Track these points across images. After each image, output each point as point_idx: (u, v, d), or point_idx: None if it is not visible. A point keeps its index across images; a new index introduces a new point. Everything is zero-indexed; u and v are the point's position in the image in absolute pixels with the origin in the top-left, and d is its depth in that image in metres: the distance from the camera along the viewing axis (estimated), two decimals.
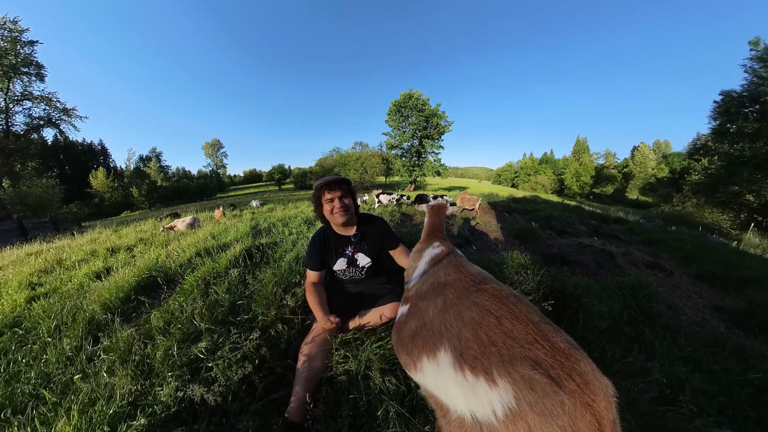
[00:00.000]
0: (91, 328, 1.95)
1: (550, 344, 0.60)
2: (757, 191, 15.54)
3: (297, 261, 2.53)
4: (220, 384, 1.26)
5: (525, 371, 0.56)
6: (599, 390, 0.54)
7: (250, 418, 1.20)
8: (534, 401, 0.53)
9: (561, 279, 2.29)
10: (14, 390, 1.44)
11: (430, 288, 1.00)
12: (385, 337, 1.50)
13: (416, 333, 0.88)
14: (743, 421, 1.31)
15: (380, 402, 1.21)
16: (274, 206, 10.65)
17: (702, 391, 1.41)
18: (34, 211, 16.67)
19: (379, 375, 1.29)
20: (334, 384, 1.33)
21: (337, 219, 1.63)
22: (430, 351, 0.77)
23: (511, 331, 0.64)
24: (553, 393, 0.53)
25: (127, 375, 1.39)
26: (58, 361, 1.66)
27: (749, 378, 1.52)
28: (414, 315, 0.96)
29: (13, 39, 19.49)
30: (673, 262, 4.81)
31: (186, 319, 1.80)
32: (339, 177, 1.66)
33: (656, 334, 1.92)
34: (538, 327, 0.65)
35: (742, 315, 2.75)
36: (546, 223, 7.23)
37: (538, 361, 0.57)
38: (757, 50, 16.20)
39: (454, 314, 0.78)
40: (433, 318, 0.85)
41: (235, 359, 1.39)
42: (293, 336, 1.68)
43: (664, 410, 1.26)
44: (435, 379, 0.74)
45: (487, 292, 0.80)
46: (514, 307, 0.71)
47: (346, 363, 1.37)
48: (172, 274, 2.82)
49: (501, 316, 0.69)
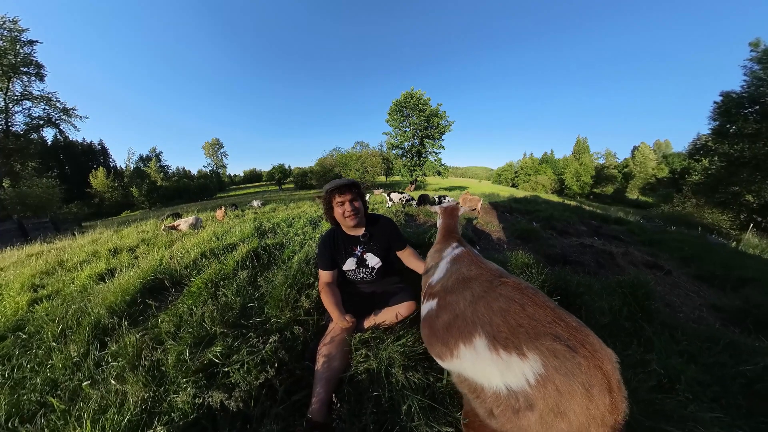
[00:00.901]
0: (98, 332, 1.92)
1: (565, 323, 0.72)
2: (756, 192, 15.56)
3: (307, 262, 2.50)
4: (241, 389, 1.23)
5: (548, 343, 0.69)
6: (605, 356, 0.66)
7: (273, 421, 1.19)
8: (558, 366, 0.65)
9: (564, 278, 2.37)
10: (20, 397, 1.40)
11: (456, 283, 1.08)
12: (406, 335, 1.51)
13: (450, 324, 0.96)
14: (735, 409, 1.40)
15: (403, 397, 1.24)
16: (276, 206, 10.65)
17: (697, 381, 1.50)
18: (34, 212, 16.63)
19: (401, 372, 1.31)
20: (355, 383, 1.34)
21: (348, 222, 1.65)
22: (467, 338, 0.86)
23: (533, 315, 0.76)
24: (571, 357, 0.65)
25: (138, 381, 1.35)
26: (65, 366, 1.62)
27: (742, 370, 1.61)
28: (444, 308, 1.04)
29: (13, 39, 19.45)
30: (673, 263, 4.85)
31: (196, 322, 1.77)
32: (349, 180, 1.67)
33: (654, 330, 2.01)
34: (555, 311, 0.77)
35: (738, 313, 2.83)
36: (547, 223, 7.25)
37: (557, 335, 0.70)
38: (757, 51, 16.22)
39: (484, 305, 0.87)
40: (464, 309, 0.93)
41: (254, 363, 1.37)
42: (309, 338, 1.67)
43: (662, 398, 1.34)
44: (473, 362, 0.83)
45: (510, 285, 0.90)
46: (534, 296, 0.83)
47: (367, 362, 1.37)
48: (178, 276, 2.80)
49: (524, 303, 0.80)
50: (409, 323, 1.60)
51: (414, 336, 1.48)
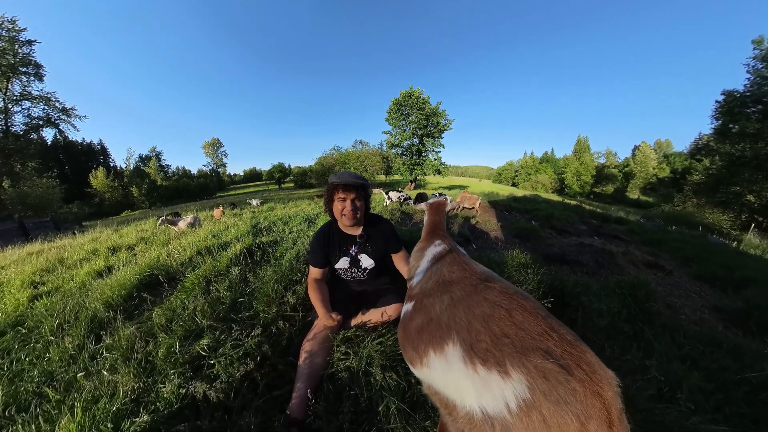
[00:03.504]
0: (94, 326, 1.95)
1: (558, 336, 0.61)
2: (758, 192, 15.48)
3: (298, 259, 2.53)
4: (222, 381, 1.26)
5: (538, 361, 0.57)
6: (605, 380, 0.55)
7: (253, 414, 1.21)
8: (548, 390, 0.53)
9: (560, 278, 2.31)
10: (18, 388, 1.45)
11: (435, 285, 0.99)
12: (386, 334, 1.50)
13: (423, 328, 0.86)
14: (739, 418, 1.32)
15: (381, 398, 1.23)
16: (275, 205, 10.65)
17: (699, 388, 1.43)
18: (34, 211, 16.68)
19: (380, 371, 1.30)
20: (336, 380, 1.34)
21: (345, 221, 1.62)
22: (437, 344, 0.75)
23: (522, 323, 0.65)
24: (565, 381, 0.53)
25: (129, 373, 1.39)
26: (61, 359, 1.66)
27: (745, 376, 1.54)
28: (419, 311, 0.94)
29: (11, 38, 19.42)
30: (674, 263, 4.81)
31: (188, 316, 1.81)
32: (357, 181, 1.56)
33: (655, 333, 1.93)
34: (547, 320, 0.65)
35: (740, 315, 2.77)
36: (546, 222, 7.22)
37: (549, 352, 0.58)
38: (760, 49, 16.09)
39: (463, 309, 0.77)
40: (440, 313, 0.83)
41: (237, 356, 1.39)
42: (294, 333, 1.69)
43: (662, 407, 1.27)
44: (443, 374, 0.72)
45: (496, 289, 0.79)
46: (524, 301, 0.71)
47: (347, 359, 1.38)
48: (173, 272, 2.83)
49: (511, 309, 0.69)
50: (393, 323, 1.59)
51: (395, 336, 1.48)
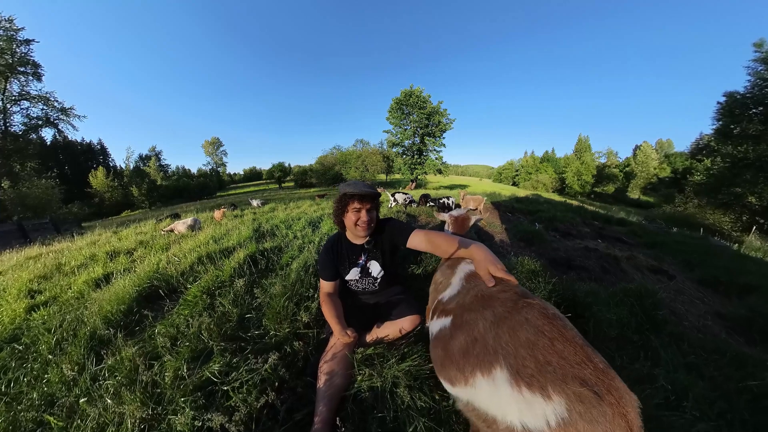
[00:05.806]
0: (93, 344, 1.88)
1: (593, 365, 0.71)
2: (759, 193, 15.48)
3: (306, 270, 2.45)
4: (241, 413, 1.20)
5: (576, 388, 0.67)
6: (630, 403, 0.66)
7: None
8: (583, 411, 0.64)
9: (572, 288, 2.32)
10: (17, 415, 1.37)
11: (475, 300, 1.03)
12: (411, 354, 1.46)
13: (468, 349, 0.91)
14: (741, 425, 1.38)
15: (409, 417, 1.21)
16: (276, 206, 10.56)
17: (703, 396, 1.48)
18: (34, 212, 16.60)
19: (406, 392, 1.27)
20: (358, 401, 1.30)
21: (359, 232, 1.57)
22: (486, 368, 0.82)
23: (562, 352, 0.73)
24: (597, 405, 0.64)
25: (136, 399, 1.31)
26: (61, 381, 1.58)
27: (748, 385, 1.59)
28: (461, 328, 0.98)
29: (9, 38, 19.32)
30: (676, 266, 4.80)
31: (193, 334, 1.73)
32: (373, 191, 1.53)
33: (662, 342, 1.95)
34: (584, 349, 0.74)
35: (743, 322, 2.79)
36: (550, 224, 7.17)
37: (585, 380, 0.68)
38: (761, 52, 16.06)
39: (508, 331, 0.83)
40: (485, 333, 0.88)
41: (254, 383, 1.34)
42: (310, 352, 1.63)
43: (670, 415, 1.33)
44: (489, 394, 0.80)
45: (536, 309, 0.85)
46: (563, 330, 0.79)
47: (370, 380, 1.34)
48: (174, 283, 2.75)
49: (553, 338, 0.77)
50: (414, 340, 1.54)
51: (420, 356, 1.44)
